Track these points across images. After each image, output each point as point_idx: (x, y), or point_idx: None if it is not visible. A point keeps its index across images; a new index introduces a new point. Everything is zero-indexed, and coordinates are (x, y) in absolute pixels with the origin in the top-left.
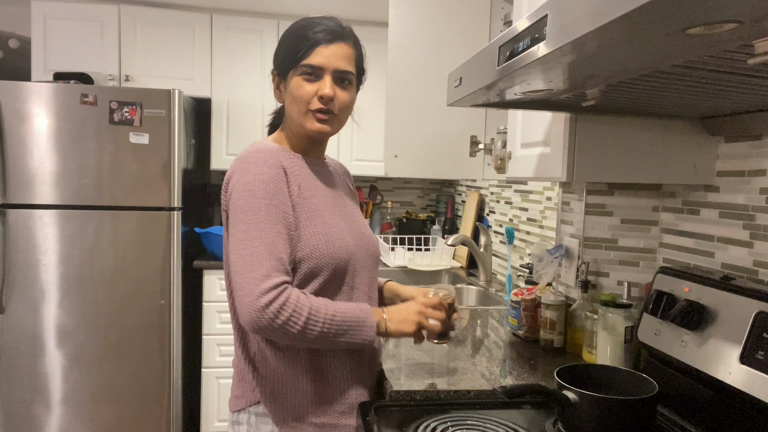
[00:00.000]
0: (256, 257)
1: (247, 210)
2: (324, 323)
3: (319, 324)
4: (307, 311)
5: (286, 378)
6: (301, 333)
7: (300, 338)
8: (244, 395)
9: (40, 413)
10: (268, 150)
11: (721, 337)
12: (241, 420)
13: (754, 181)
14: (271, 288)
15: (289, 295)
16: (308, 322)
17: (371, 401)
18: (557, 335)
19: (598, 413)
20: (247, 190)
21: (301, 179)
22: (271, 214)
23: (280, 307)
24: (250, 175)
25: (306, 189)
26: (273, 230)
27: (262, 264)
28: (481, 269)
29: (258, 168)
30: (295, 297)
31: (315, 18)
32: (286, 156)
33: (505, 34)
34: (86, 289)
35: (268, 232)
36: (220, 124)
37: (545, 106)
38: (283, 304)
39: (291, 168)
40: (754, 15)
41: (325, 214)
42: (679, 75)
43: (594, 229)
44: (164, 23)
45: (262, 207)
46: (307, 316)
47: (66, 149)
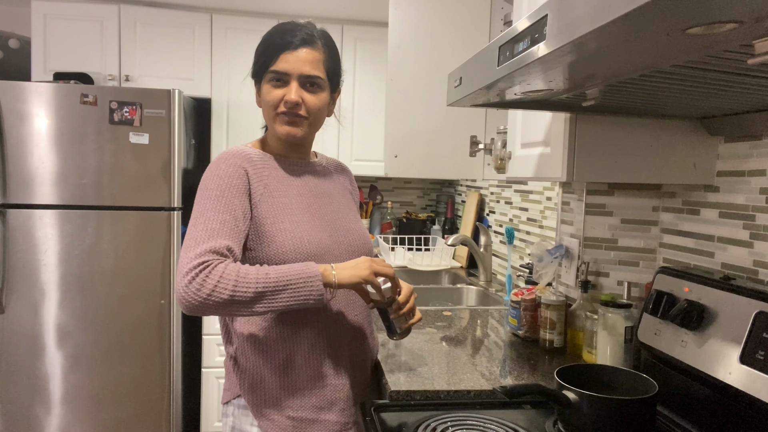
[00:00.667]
0: (194, 240)
1: (198, 201)
2: (257, 283)
3: (251, 286)
4: (234, 276)
5: (264, 371)
6: (230, 299)
7: (235, 305)
8: (230, 388)
9: (40, 413)
10: (233, 153)
11: (721, 337)
12: (228, 412)
13: (754, 181)
14: (196, 266)
15: (214, 267)
16: (237, 286)
17: (371, 401)
18: (557, 335)
19: (598, 413)
20: (203, 185)
21: (269, 179)
22: (219, 204)
23: (203, 280)
24: (208, 171)
25: (275, 189)
26: (217, 218)
27: (197, 246)
28: (481, 269)
29: (217, 166)
30: (221, 267)
31: (287, 24)
32: (257, 157)
33: (505, 34)
34: (86, 289)
35: (212, 219)
36: (220, 124)
37: (545, 106)
38: (207, 276)
39: (258, 169)
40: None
41: (295, 212)
42: (679, 75)
43: (594, 229)
44: (164, 23)
45: (211, 197)
46: (236, 280)
47: (66, 149)
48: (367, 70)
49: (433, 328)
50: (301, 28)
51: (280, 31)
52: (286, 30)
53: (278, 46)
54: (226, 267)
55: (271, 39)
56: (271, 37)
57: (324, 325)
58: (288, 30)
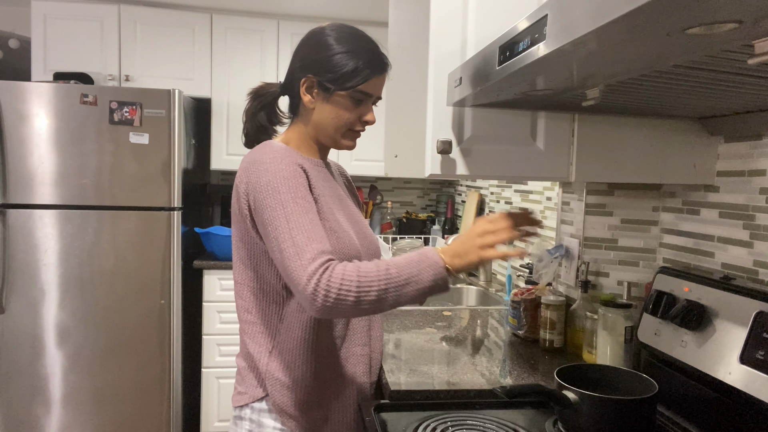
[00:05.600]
0: (298, 247)
1: (275, 206)
2: (380, 281)
3: (374, 285)
4: (356, 278)
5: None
6: (357, 301)
7: (363, 307)
8: (247, 391)
9: (40, 413)
10: (280, 149)
11: (721, 337)
12: (244, 415)
13: (754, 181)
14: (314, 272)
15: (333, 271)
16: (360, 288)
17: (371, 401)
18: (557, 335)
19: (598, 413)
20: (271, 188)
21: (312, 179)
22: (299, 205)
23: (327, 286)
24: (269, 174)
25: (315, 188)
26: (306, 218)
27: (305, 251)
28: (481, 269)
29: (275, 166)
30: (340, 269)
31: (371, 42)
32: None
33: (505, 34)
34: (86, 289)
35: (302, 220)
36: (220, 124)
37: (545, 106)
38: (329, 282)
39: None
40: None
41: (334, 213)
42: (679, 75)
43: (594, 229)
44: (164, 23)
45: (289, 200)
46: (358, 282)
47: (66, 149)
48: None
49: (433, 328)
50: (380, 49)
51: (374, 51)
52: (377, 51)
53: (375, 69)
54: (345, 269)
55: (368, 58)
56: (368, 55)
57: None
58: (379, 52)
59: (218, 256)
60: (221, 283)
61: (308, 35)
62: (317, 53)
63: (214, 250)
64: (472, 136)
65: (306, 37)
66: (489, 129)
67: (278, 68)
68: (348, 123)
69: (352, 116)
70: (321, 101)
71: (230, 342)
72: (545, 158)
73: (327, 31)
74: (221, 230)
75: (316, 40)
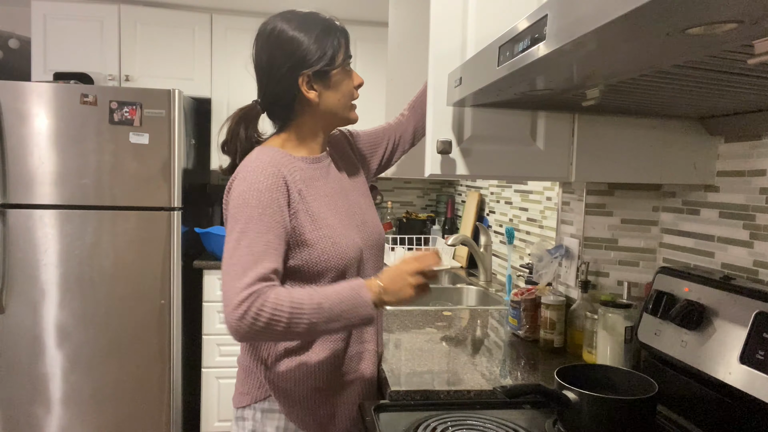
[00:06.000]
0: (241, 267)
1: (239, 219)
2: (311, 315)
3: (305, 317)
4: (288, 308)
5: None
6: (286, 331)
7: (289, 335)
8: (250, 392)
9: (40, 413)
10: (269, 157)
11: (721, 337)
12: (246, 416)
13: (754, 181)
14: (247, 297)
15: (266, 299)
16: (291, 319)
17: (371, 401)
18: (557, 335)
19: (598, 413)
20: (242, 199)
21: (301, 184)
22: (262, 223)
23: (256, 315)
24: (246, 183)
25: (307, 193)
26: (262, 240)
27: (246, 273)
28: (481, 269)
29: (255, 176)
30: (273, 298)
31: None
32: (287, 161)
33: (505, 34)
34: (86, 289)
35: (256, 241)
36: (220, 124)
37: (545, 106)
38: (260, 309)
39: (292, 174)
40: (754, 15)
41: (328, 216)
42: (679, 75)
43: (594, 229)
44: (164, 23)
45: (254, 216)
46: (290, 313)
47: (66, 149)
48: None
49: (433, 328)
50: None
51: (330, 20)
52: (330, 19)
53: (344, 32)
54: (278, 297)
55: (334, 27)
56: (331, 26)
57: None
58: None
59: (218, 256)
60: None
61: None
62: (296, 49)
63: (214, 250)
64: (472, 136)
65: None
66: (489, 129)
67: None
68: (350, 95)
69: (350, 87)
70: (323, 89)
71: (230, 342)
72: (545, 158)
73: (282, 26)
74: (221, 230)
75: (284, 40)
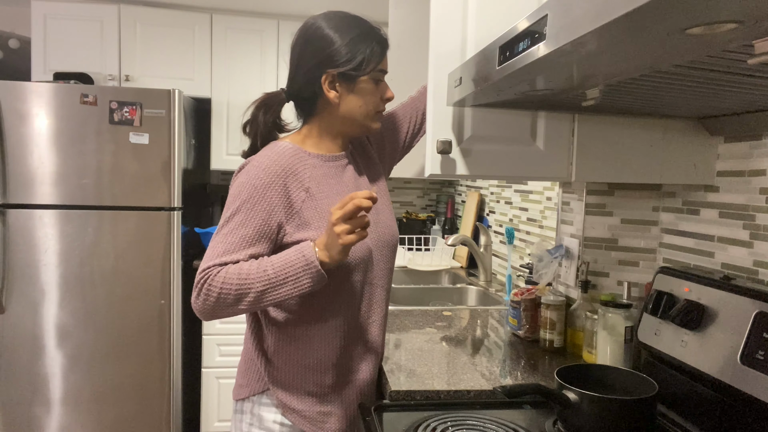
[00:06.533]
0: (213, 252)
1: (228, 207)
2: (258, 283)
3: (253, 287)
4: (236, 278)
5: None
6: (236, 301)
7: (243, 306)
8: (249, 384)
9: (40, 413)
10: (277, 155)
11: (721, 337)
12: (245, 409)
13: (754, 181)
14: (201, 278)
15: (216, 275)
16: (240, 289)
17: (371, 401)
18: (557, 335)
19: (598, 413)
20: (237, 190)
21: (310, 182)
22: (247, 218)
23: (208, 289)
24: (246, 176)
25: (317, 191)
26: (239, 233)
27: (212, 260)
28: (481, 269)
29: (256, 172)
30: (222, 273)
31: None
32: (298, 159)
33: (505, 34)
34: (86, 289)
35: (234, 233)
36: (220, 124)
37: (545, 106)
38: (210, 285)
39: (300, 172)
40: (754, 15)
41: None
42: (679, 75)
43: (594, 229)
44: (164, 23)
45: (241, 209)
46: (237, 284)
47: (66, 149)
48: None
49: (433, 328)
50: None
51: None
52: (375, 28)
53: (384, 45)
54: (227, 272)
55: (377, 36)
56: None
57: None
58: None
59: None
60: None
61: (304, 33)
62: (327, 47)
63: None
64: (472, 136)
65: (303, 36)
66: (489, 129)
67: (278, 68)
68: (376, 104)
69: (375, 98)
70: (345, 92)
71: (230, 342)
72: (545, 158)
73: (321, 23)
74: None
75: (318, 36)
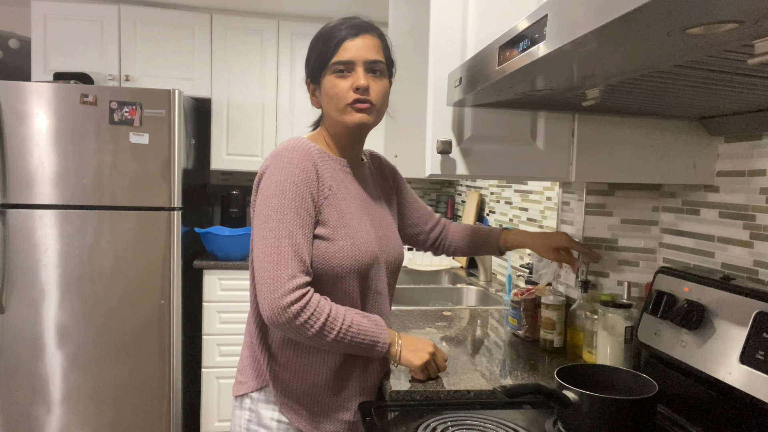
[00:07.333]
0: (283, 256)
1: (277, 209)
2: (339, 331)
3: (334, 331)
4: (325, 317)
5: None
6: (316, 336)
7: (314, 340)
8: (247, 381)
9: (40, 413)
10: (303, 150)
11: (721, 337)
12: (244, 405)
13: (754, 181)
14: (296, 288)
15: (311, 298)
16: (324, 327)
17: (371, 401)
18: (557, 335)
19: (598, 413)
20: (279, 190)
21: (332, 182)
22: (299, 216)
23: (301, 309)
24: (283, 174)
25: (337, 191)
26: (300, 232)
27: (288, 264)
28: (481, 269)
29: (291, 168)
30: (316, 301)
31: (335, 21)
32: (322, 157)
33: (505, 34)
34: (86, 289)
35: (295, 233)
36: (220, 124)
37: (545, 106)
38: (305, 306)
39: (324, 170)
40: (754, 15)
41: (354, 217)
42: (679, 75)
43: (594, 229)
44: (164, 23)
45: (291, 208)
46: (324, 321)
47: (66, 149)
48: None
49: (433, 328)
50: (353, 18)
51: (333, 25)
52: (338, 23)
53: (337, 37)
54: (320, 302)
55: (327, 33)
56: (326, 32)
57: None
58: (341, 22)
59: (218, 256)
60: (221, 283)
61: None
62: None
63: (214, 250)
64: (472, 136)
65: None
66: (489, 129)
67: (278, 68)
68: (341, 97)
69: (341, 90)
70: (319, 95)
71: (230, 342)
72: (545, 158)
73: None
74: (221, 230)
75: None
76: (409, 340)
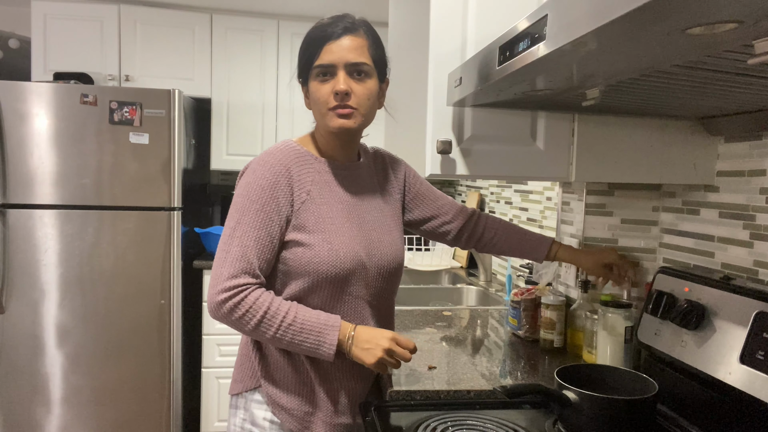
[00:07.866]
0: (230, 255)
1: (239, 208)
2: (278, 328)
3: (272, 328)
4: (262, 313)
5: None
6: (254, 331)
7: (254, 335)
8: (242, 380)
9: (40, 413)
10: (281, 153)
11: (721, 337)
12: (239, 404)
13: (754, 181)
14: (232, 287)
15: (248, 295)
16: (262, 323)
17: (371, 401)
18: (557, 335)
19: (598, 413)
20: (245, 191)
21: (312, 185)
22: (258, 219)
23: (235, 305)
24: (253, 176)
25: (317, 195)
26: (253, 235)
27: (232, 263)
28: (481, 269)
29: (262, 171)
30: (254, 297)
31: (324, 19)
32: (304, 161)
33: (505, 34)
34: (86, 289)
35: (248, 235)
36: (220, 124)
37: (545, 106)
38: (239, 302)
39: (304, 174)
40: (754, 15)
41: (335, 221)
42: (679, 75)
43: (594, 229)
44: (164, 23)
45: (252, 210)
46: (261, 317)
47: (66, 149)
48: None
49: (433, 328)
50: (340, 18)
51: (320, 25)
52: (324, 23)
53: (319, 39)
54: (257, 300)
55: (311, 35)
56: (310, 33)
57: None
58: (326, 23)
59: None
60: None
61: None
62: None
63: (214, 250)
64: (472, 136)
65: None
66: (489, 129)
67: (278, 68)
68: (323, 102)
69: (323, 95)
70: (309, 99)
71: (230, 342)
72: (545, 158)
73: None
74: (221, 230)
75: None
76: (362, 336)
